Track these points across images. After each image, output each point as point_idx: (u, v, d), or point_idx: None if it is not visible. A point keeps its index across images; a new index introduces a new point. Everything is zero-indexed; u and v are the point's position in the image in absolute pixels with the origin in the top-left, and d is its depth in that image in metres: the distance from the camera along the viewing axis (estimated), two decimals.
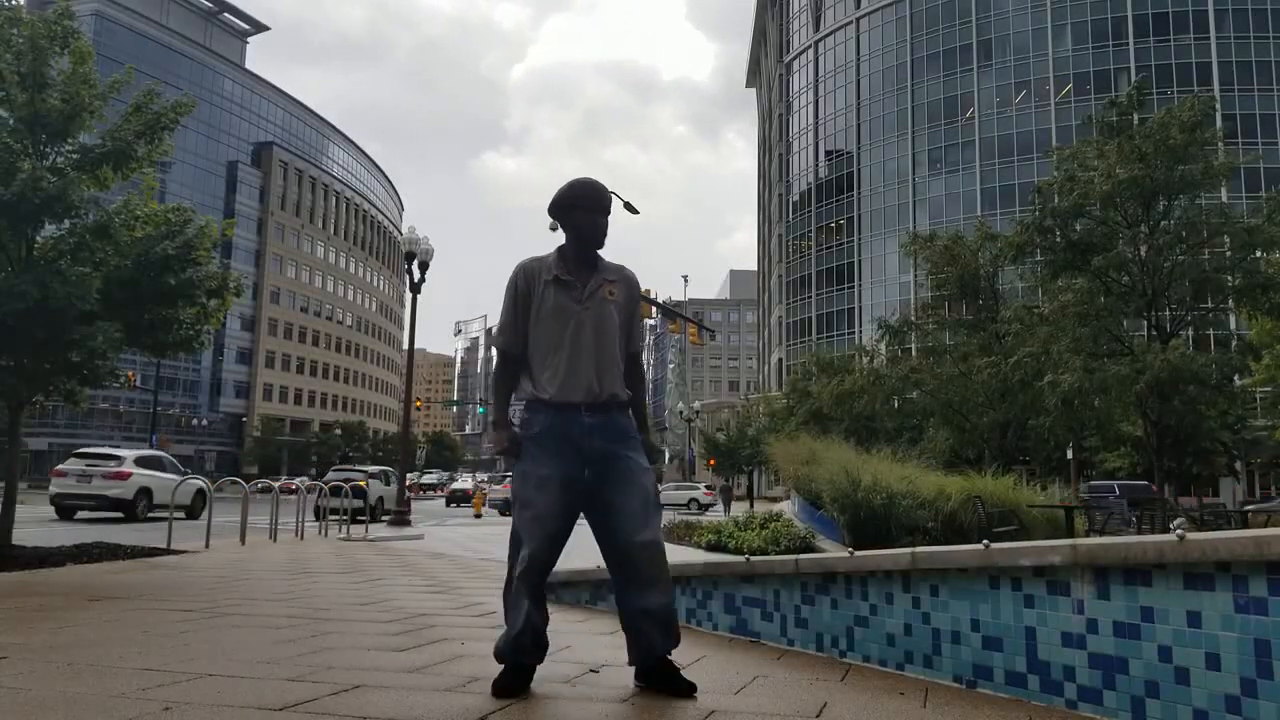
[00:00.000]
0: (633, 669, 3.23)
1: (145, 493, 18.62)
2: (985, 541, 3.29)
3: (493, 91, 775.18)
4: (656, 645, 3.10)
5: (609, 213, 3.25)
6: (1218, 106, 25.23)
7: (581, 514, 3.20)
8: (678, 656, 3.22)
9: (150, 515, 18.46)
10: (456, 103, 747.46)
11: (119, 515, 17.98)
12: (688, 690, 3.03)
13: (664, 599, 3.09)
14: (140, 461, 19.23)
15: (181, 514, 16.69)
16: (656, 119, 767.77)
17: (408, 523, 18.35)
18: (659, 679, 3.11)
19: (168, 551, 10.09)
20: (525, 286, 3.18)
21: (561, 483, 3.04)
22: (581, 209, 3.18)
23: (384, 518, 21.71)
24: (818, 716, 2.87)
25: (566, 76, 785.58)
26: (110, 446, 23.05)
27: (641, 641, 3.11)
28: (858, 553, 3.96)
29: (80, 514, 18.26)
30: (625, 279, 3.25)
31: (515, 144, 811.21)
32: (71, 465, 18.79)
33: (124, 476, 18.35)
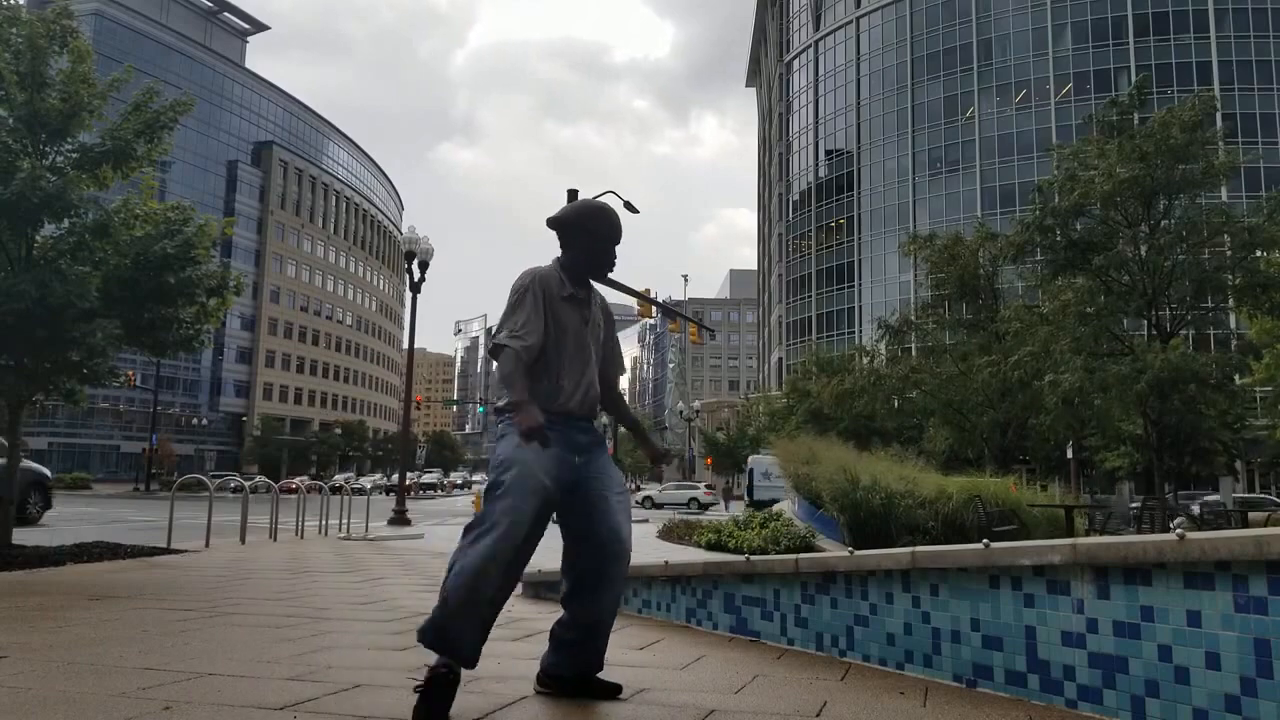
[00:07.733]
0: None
1: None
2: (985, 541, 3.29)
3: (438, 79, 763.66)
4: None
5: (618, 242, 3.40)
6: (1218, 106, 25.19)
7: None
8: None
9: None
10: (405, 93, 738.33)
11: None
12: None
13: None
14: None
15: None
16: (614, 101, 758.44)
17: (408, 522, 18.35)
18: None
19: (168, 551, 10.09)
20: (544, 295, 3.20)
21: (548, 491, 2.94)
22: (599, 236, 3.28)
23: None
24: (817, 716, 2.87)
25: (512, 59, 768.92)
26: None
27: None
28: (858, 552, 3.95)
29: None
30: (604, 308, 3.40)
31: (467, 133, 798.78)
32: None
33: None
